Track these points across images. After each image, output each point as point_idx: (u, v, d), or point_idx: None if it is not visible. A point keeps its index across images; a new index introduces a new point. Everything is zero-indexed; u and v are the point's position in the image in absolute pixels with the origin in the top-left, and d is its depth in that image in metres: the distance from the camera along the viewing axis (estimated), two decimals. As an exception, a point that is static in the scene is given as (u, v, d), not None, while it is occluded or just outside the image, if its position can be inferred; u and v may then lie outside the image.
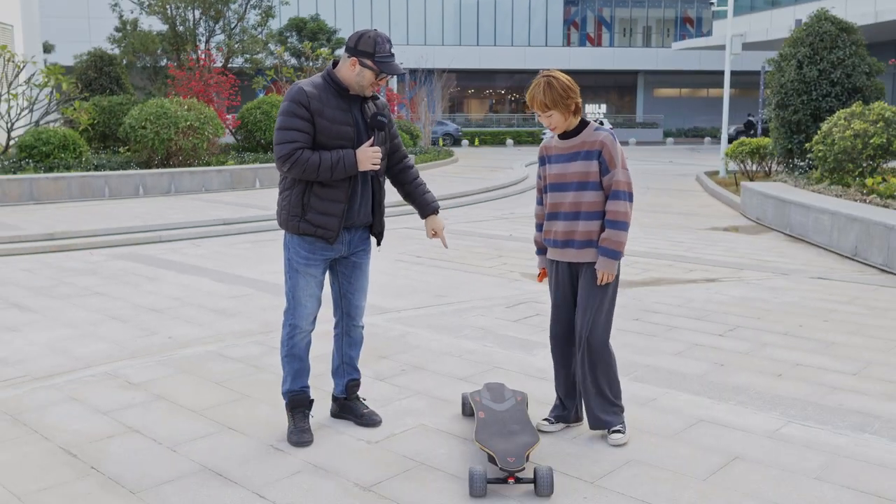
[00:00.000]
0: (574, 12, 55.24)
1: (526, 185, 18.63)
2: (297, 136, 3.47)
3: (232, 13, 28.24)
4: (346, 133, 3.55)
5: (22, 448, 3.64)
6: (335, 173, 3.49)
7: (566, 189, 3.67)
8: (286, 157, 3.46)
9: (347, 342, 3.91)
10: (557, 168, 3.71)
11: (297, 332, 3.73)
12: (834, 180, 11.92)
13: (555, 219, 3.73)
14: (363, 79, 3.54)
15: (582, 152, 3.64)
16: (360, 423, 3.89)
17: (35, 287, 7.33)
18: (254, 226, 11.40)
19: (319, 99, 3.50)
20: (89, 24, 44.28)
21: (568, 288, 3.76)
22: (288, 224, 3.64)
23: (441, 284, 7.38)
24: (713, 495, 3.15)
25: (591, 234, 3.63)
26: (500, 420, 3.50)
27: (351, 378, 3.94)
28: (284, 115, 3.50)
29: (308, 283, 3.67)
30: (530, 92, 3.61)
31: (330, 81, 3.58)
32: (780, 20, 33.38)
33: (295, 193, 3.59)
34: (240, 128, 20.74)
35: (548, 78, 3.58)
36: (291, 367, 3.76)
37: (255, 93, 28.52)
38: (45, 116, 17.45)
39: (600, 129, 3.65)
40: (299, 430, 3.69)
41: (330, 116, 3.52)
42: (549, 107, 3.56)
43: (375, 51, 3.49)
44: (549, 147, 3.78)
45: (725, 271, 7.99)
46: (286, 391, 3.78)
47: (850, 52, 14.43)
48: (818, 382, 4.50)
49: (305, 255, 3.65)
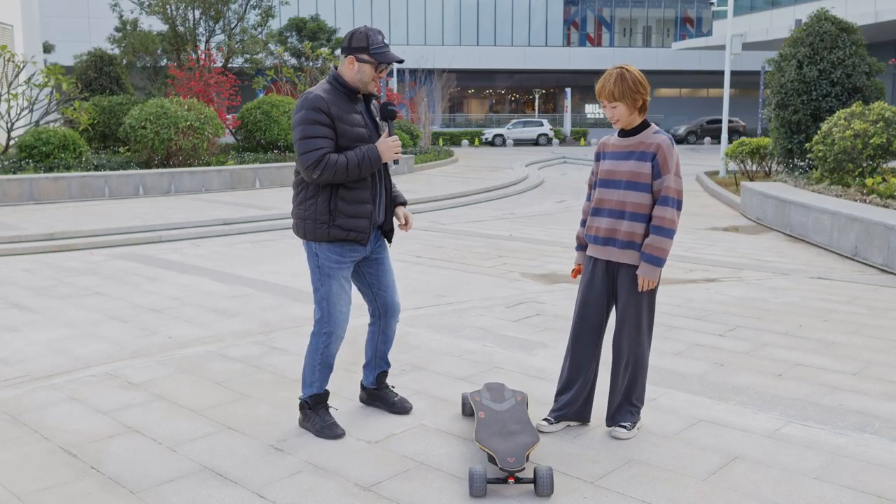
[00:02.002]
0: (574, 12, 55.23)
1: (526, 185, 18.63)
2: (322, 143, 3.51)
3: (232, 13, 28.24)
4: (361, 135, 3.62)
5: (22, 448, 3.64)
6: (363, 170, 3.54)
7: (615, 186, 3.66)
8: (315, 164, 3.48)
9: (383, 339, 4.00)
10: (609, 164, 3.70)
11: (334, 340, 3.74)
12: (834, 180, 11.92)
13: (599, 215, 3.72)
14: (364, 74, 3.59)
15: (637, 152, 3.63)
16: (391, 411, 4.00)
17: (35, 287, 7.34)
18: (254, 226, 11.40)
19: (336, 104, 3.57)
20: (89, 24, 44.29)
21: (602, 287, 3.72)
22: (316, 233, 3.62)
23: (441, 284, 7.38)
24: (713, 495, 3.15)
25: (633, 236, 3.60)
26: (500, 420, 3.50)
27: (382, 370, 4.06)
28: (305, 123, 3.51)
29: (342, 287, 3.72)
30: (601, 81, 3.61)
31: (337, 86, 3.63)
32: (780, 20, 33.38)
33: (321, 201, 3.60)
34: (240, 128, 20.74)
35: (621, 70, 3.59)
36: (323, 375, 3.78)
37: (255, 93, 28.51)
38: (45, 116, 17.45)
39: (660, 132, 3.65)
40: (331, 425, 3.75)
41: (347, 120, 3.59)
42: (616, 98, 3.56)
43: (369, 44, 3.56)
44: (607, 144, 3.79)
45: (725, 271, 7.99)
46: (312, 395, 3.79)
47: (850, 52, 14.43)
48: (818, 382, 4.50)
49: (337, 258, 3.67)
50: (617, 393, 3.77)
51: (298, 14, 42.14)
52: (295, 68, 28.63)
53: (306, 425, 3.80)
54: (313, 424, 3.76)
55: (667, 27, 56.06)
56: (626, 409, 3.74)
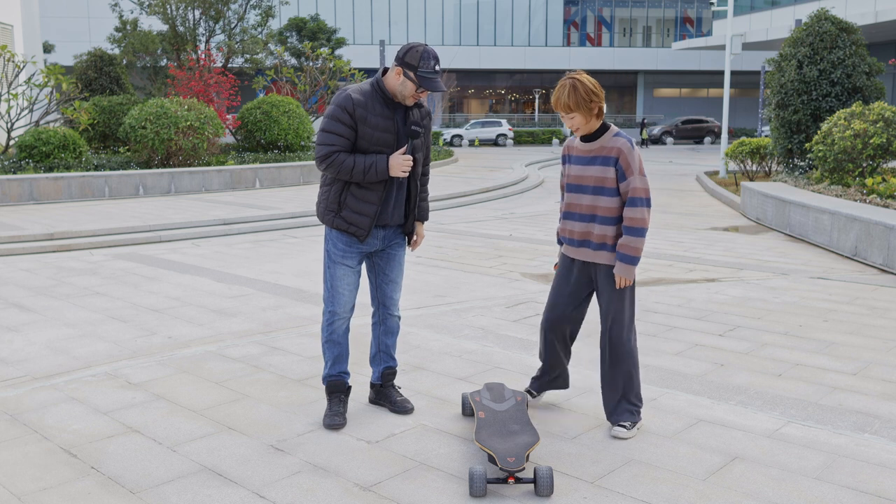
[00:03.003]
0: (574, 12, 55.25)
1: (526, 185, 18.62)
2: (337, 140, 3.66)
3: (232, 13, 28.26)
4: (386, 140, 3.74)
5: (22, 448, 3.64)
6: (367, 177, 3.69)
7: (583, 191, 3.74)
8: (324, 158, 3.68)
9: (383, 331, 4.08)
10: (577, 170, 3.77)
11: (336, 319, 3.90)
12: (834, 180, 11.93)
13: (571, 218, 3.80)
14: (405, 89, 3.70)
15: (600, 157, 3.69)
16: (393, 410, 4.05)
17: (35, 287, 7.34)
18: (254, 226, 11.40)
19: (365, 106, 3.67)
20: (89, 24, 44.32)
21: (576, 283, 3.83)
22: (325, 217, 3.85)
23: (441, 284, 7.38)
24: (713, 495, 3.15)
25: (605, 238, 3.69)
26: (500, 420, 3.50)
27: (387, 366, 4.11)
28: (329, 118, 3.69)
29: (345, 273, 3.86)
30: (555, 93, 3.68)
31: (377, 89, 3.74)
32: (780, 20, 33.40)
33: (334, 190, 3.80)
34: (240, 128, 20.74)
35: (573, 80, 3.63)
36: (332, 353, 3.94)
37: (255, 93, 28.53)
38: (45, 116, 17.45)
39: (619, 135, 3.70)
40: (332, 414, 3.88)
41: (373, 123, 3.69)
42: (572, 108, 3.62)
43: (419, 65, 3.65)
44: (572, 147, 3.84)
45: (725, 271, 7.99)
46: (326, 375, 3.96)
47: (850, 52, 14.44)
48: (818, 382, 4.50)
49: (343, 247, 3.85)
50: (614, 390, 3.79)
51: (298, 14, 42.17)
52: (295, 68, 28.65)
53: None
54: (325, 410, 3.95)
55: (667, 27, 56.07)
56: (625, 408, 3.76)
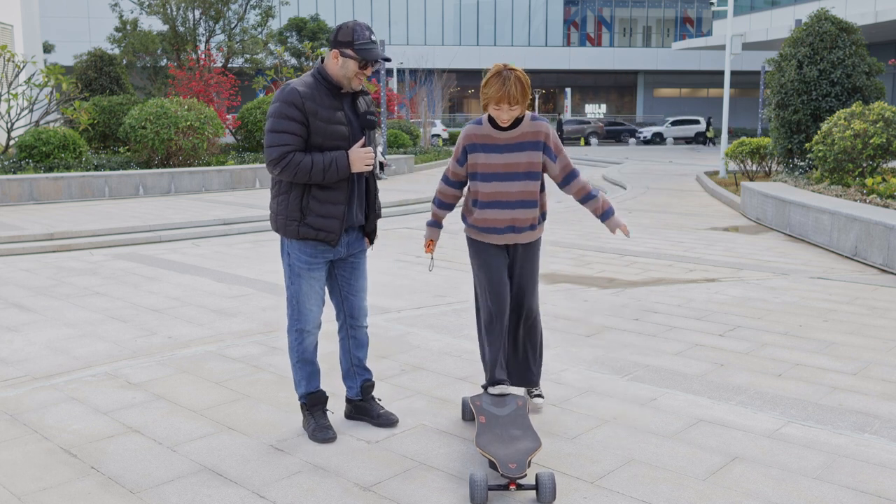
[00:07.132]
0: (574, 12, 55.25)
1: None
2: (290, 140, 3.40)
3: (232, 13, 28.27)
4: (341, 133, 3.49)
5: (22, 448, 3.64)
6: (327, 176, 3.43)
7: (514, 178, 3.70)
8: (276, 161, 3.40)
9: (354, 344, 3.85)
10: (501, 158, 3.68)
11: (306, 336, 3.68)
12: (834, 180, 11.93)
13: (495, 207, 3.72)
14: (347, 70, 3.47)
15: (528, 143, 3.69)
16: (375, 424, 3.85)
17: (35, 287, 7.34)
18: (254, 226, 11.40)
19: (313, 99, 3.43)
20: (89, 24, 44.32)
21: (502, 266, 3.86)
22: (287, 229, 3.55)
23: (441, 284, 7.38)
24: (713, 495, 3.15)
25: (532, 220, 3.78)
26: (501, 425, 3.47)
27: (365, 379, 3.90)
28: (276, 116, 3.42)
29: (312, 287, 3.63)
30: (501, 87, 3.54)
31: (321, 79, 3.51)
32: (780, 20, 33.40)
33: (293, 197, 3.51)
34: (240, 128, 20.76)
35: (514, 73, 3.60)
36: (304, 372, 3.73)
37: (255, 93, 28.53)
38: (45, 116, 17.46)
39: (537, 118, 3.73)
40: (322, 427, 3.69)
41: (325, 117, 3.45)
42: (519, 101, 3.59)
43: (354, 39, 3.45)
44: (481, 136, 3.72)
45: (725, 271, 7.99)
46: (303, 394, 3.76)
47: (850, 52, 14.44)
48: (818, 382, 4.50)
49: (307, 259, 3.59)
50: (530, 354, 3.97)
51: (298, 14, 42.17)
52: (295, 68, 28.66)
53: (305, 426, 3.79)
54: (308, 426, 3.74)
55: (667, 27, 56.07)
56: (538, 374, 4.00)
